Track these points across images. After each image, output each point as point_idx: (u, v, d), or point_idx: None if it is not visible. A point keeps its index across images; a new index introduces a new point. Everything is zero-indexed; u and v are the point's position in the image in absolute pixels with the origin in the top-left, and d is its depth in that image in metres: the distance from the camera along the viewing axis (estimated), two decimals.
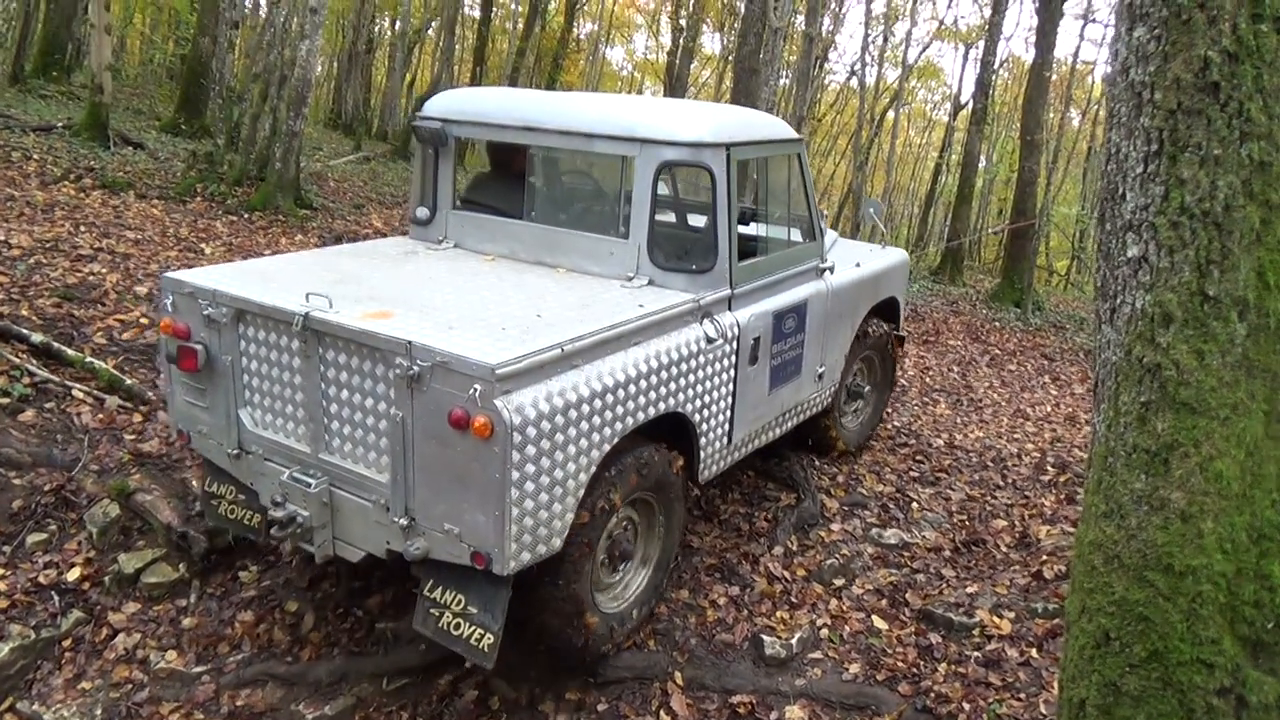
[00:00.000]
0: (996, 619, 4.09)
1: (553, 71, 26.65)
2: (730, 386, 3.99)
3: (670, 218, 4.81)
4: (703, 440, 3.88)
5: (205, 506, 3.85)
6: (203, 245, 7.80)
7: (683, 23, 25.65)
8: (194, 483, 4.38)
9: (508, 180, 4.44)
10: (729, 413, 4.04)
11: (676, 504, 3.80)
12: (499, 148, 4.52)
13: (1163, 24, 2.16)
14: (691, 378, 3.67)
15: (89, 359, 5.05)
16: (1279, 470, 2.14)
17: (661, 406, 3.50)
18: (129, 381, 5.02)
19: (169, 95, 18.45)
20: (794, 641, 3.86)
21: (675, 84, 23.64)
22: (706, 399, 3.81)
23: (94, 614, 3.82)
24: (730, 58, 21.18)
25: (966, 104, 21.00)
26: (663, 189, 4.38)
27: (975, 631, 4.02)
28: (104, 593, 3.92)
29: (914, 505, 5.30)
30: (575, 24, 29.58)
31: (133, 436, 4.67)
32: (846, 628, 4.05)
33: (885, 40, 22.11)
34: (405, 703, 3.56)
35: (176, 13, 19.94)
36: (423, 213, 4.41)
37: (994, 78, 19.70)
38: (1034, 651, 3.87)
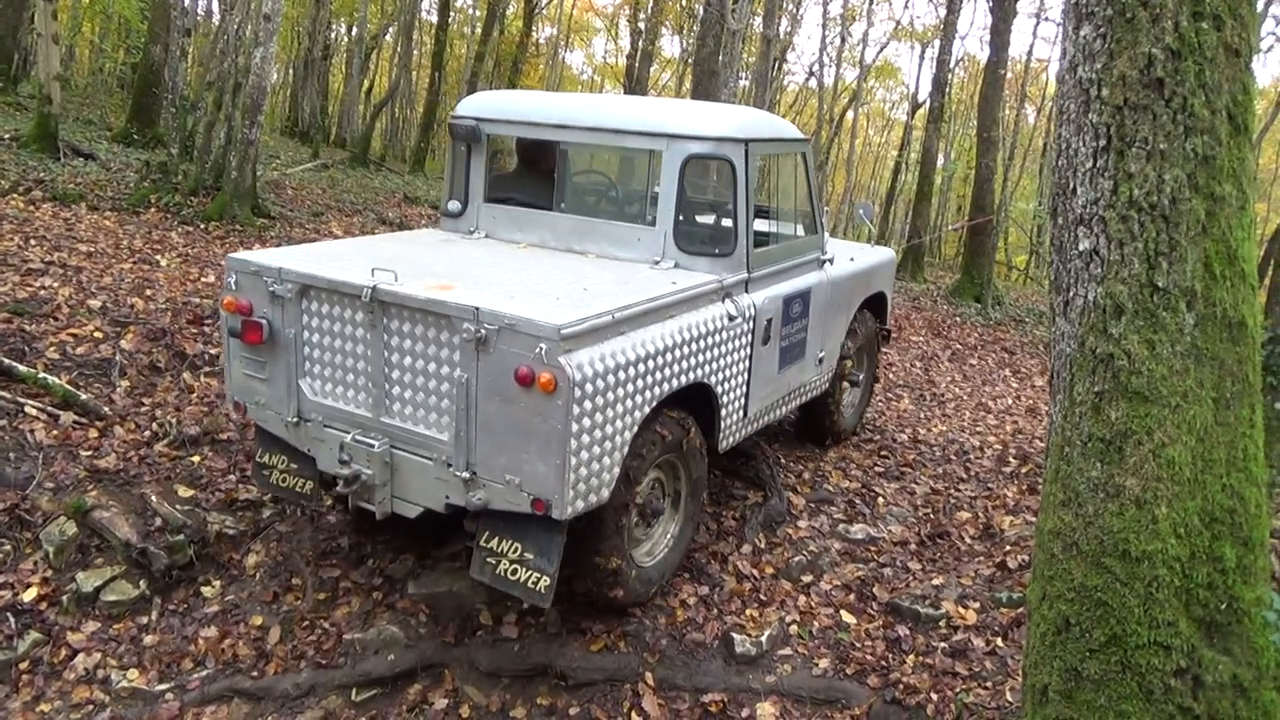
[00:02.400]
0: (962, 609, 4.14)
1: (512, 76, 26.54)
2: (747, 363, 4.31)
3: (693, 207, 5.07)
4: (723, 411, 4.19)
5: (256, 476, 4.09)
6: (158, 257, 7.67)
7: (641, 26, 25.71)
8: (150, 501, 4.30)
9: (534, 175, 4.75)
10: (745, 387, 4.35)
11: (698, 468, 4.06)
12: (526, 144, 4.80)
13: (1108, 22, 2.21)
14: (715, 351, 3.99)
15: (42, 375, 4.94)
16: (1228, 455, 2.20)
17: (691, 376, 3.82)
18: (84, 397, 4.92)
19: (120, 105, 18.13)
20: (764, 639, 3.88)
21: (635, 87, 23.67)
22: (727, 372, 4.13)
23: (52, 634, 3.74)
24: (689, 60, 21.26)
25: (924, 103, 21.29)
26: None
27: (942, 623, 4.07)
28: (62, 612, 3.83)
29: (880, 500, 5.35)
30: (534, 28, 29.51)
31: (89, 453, 4.57)
32: (815, 623, 4.08)
33: (843, 41, 22.32)
34: (375, 714, 3.52)
35: (126, 21, 19.59)
36: (454, 205, 4.69)
37: (950, 76, 19.98)
38: (999, 640, 3.93)
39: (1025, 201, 23.58)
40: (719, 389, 4.08)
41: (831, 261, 5.20)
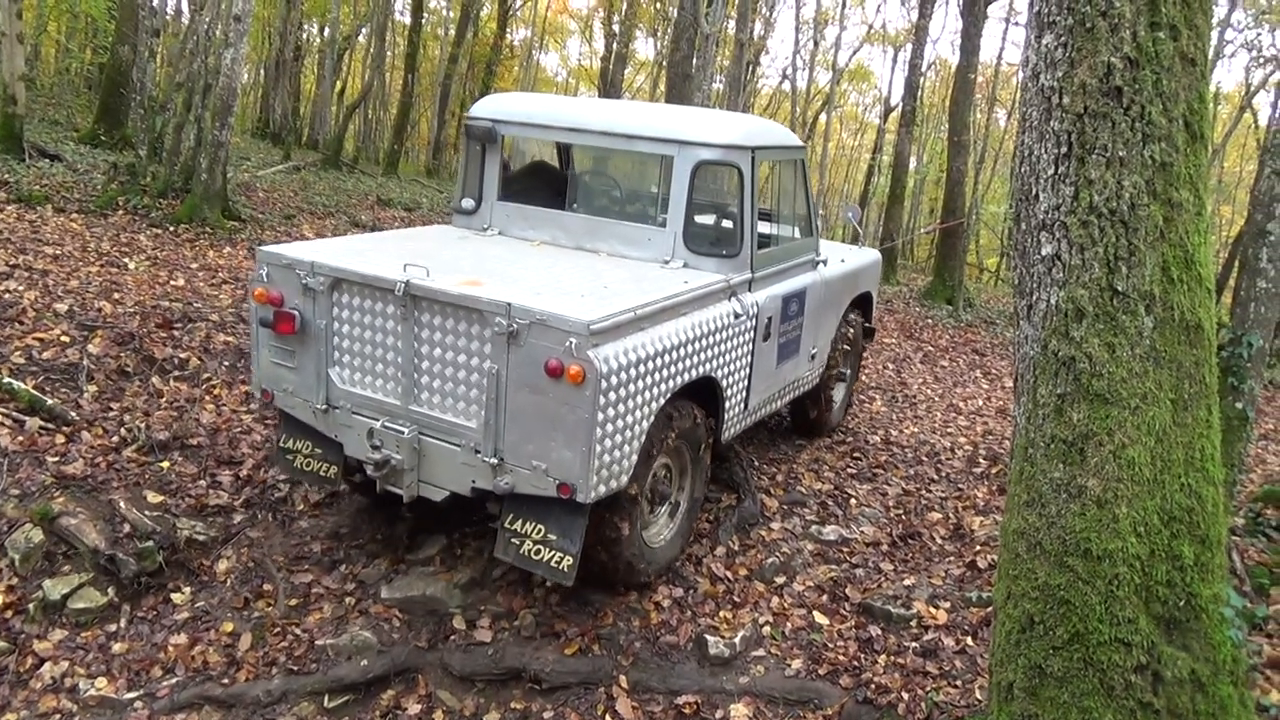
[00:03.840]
0: (933, 609, 4.19)
1: (486, 78, 26.47)
2: (749, 358, 4.52)
3: (701, 210, 5.32)
4: (727, 403, 4.39)
5: (280, 461, 4.21)
6: (126, 260, 7.58)
7: (616, 28, 25.75)
8: (119, 508, 4.25)
9: (547, 175, 4.98)
10: (747, 381, 4.57)
11: (703, 457, 4.27)
12: (536, 147, 5.00)
13: (1068, 31, 2.26)
14: (722, 347, 4.19)
15: (7, 379, 4.87)
16: (1186, 455, 2.25)
17: (701, 370, 4.02)
18: (50, 402, 4.86)
19: (87, 105, 17.88)
20: (737, 640, 3.90)
21: (609, 89, 23.69)
22: (731, 367, 4.33)
23: (18, 643, 3.69)
24: (663, 63, 21.31)
25: (896, 106, 21.45)
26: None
27: (913, 622, 4.11)
28: (28, 620, 3.78)
29: (852, 501, 5.40)
30: (508, 30, 29.45)
31: (55, 459, 4.51)
32: (788, 624, 4.11)
33: (816, 45, 22.48)
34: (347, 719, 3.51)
35: (93, 20, 19.32)
36: (468, 203, 4.86)
37: (922, 80, 20.17)
38: (969, 639, 3.98)
39: (996, 204, 23.87)
40: (724, 382, 4.28)
41: (825, 263, 5.47)
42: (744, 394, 4.57)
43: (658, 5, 25.94)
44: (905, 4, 23.59)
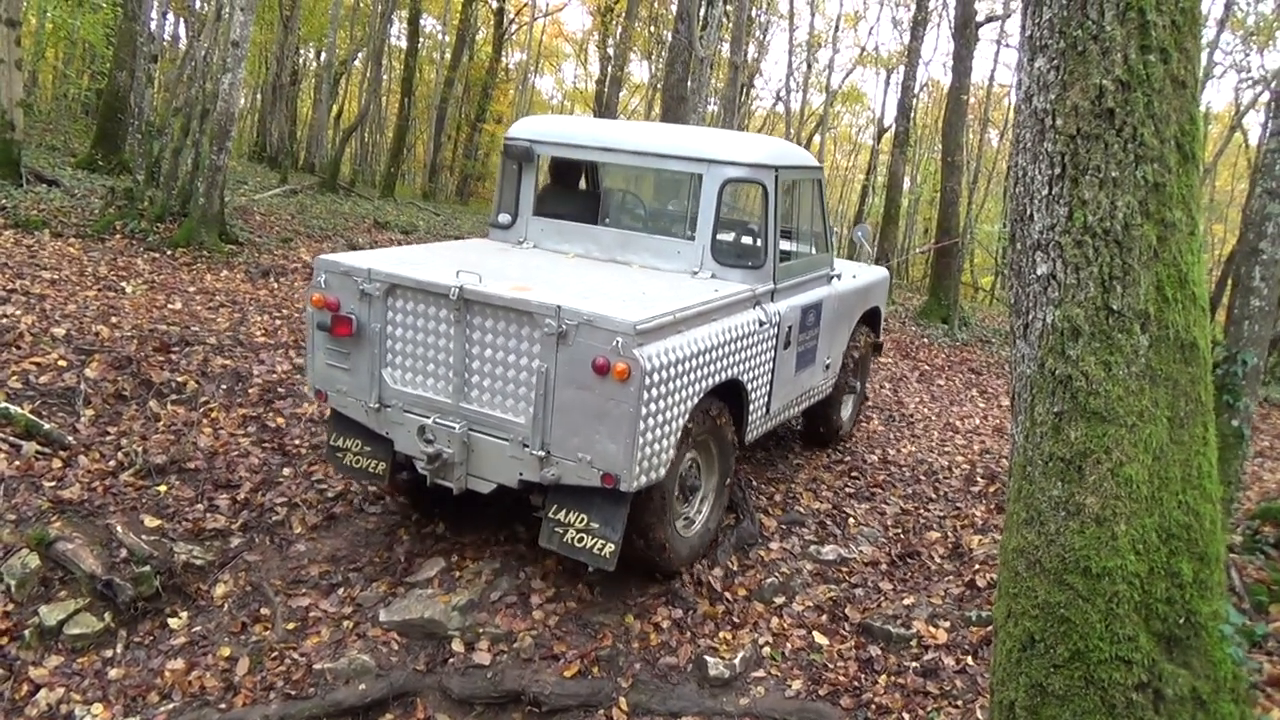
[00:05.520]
0: (933, 629, 4.18)
1: (482, 101, 26.64)
2: (771, 365, 4.76)
3: (727, 224, 5.52)
4: (751, 406, 4.62)
5: (331, 459, 4.46)
6: (123, 283, 7.59)
7: (611, 52, 25.95)
8: (115, 532, 4.24)
9: (580, 192, 5.31)
10: (770, 386, 4.81)
11: (729, 455, 4.51)
12: (570, 165, 5.27)
13: (1060, 55, 2.29)
14: (748, 353, 4.43)
15: (4, 404, 4.87)
16: (1183, 473, 2.26)
17: (730, 373, 4.26)
18: (47, 426, 4.85)
19: (85, 131, 17.95)
20: (737, 661, 3.89)
21: (604, 111, 23.83)
22: (756, 372, 4.58)
23: (13, 669, 3.66)
24: (658, 86, 21.47)
25: (890, 127, 21.62)
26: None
27: (913, 642, 4.10)
28: (24, 647, 3.75)
29: (850, 521, 5.40)
30: (504, 54, 29.68)
31: (52, 483, 4.50)
32: (788, 645, 4.10)
33: (809, 67, 22.67)
34: None
35: (92, 47, 19.45)
36: (505, 218, 5.15)
37: (915, 101, 20.33)
38: (969, 659, 3.97)
39: (990, 223, 23.99)
40: (749, 385, 4.52)
41: (839, 277, 5.77)
42: (766, 398, 4.79)
43: (652, 29, 26.17)
44: (897, 27, 23.82)
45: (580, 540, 3.80)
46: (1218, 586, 2.30)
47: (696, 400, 3.97)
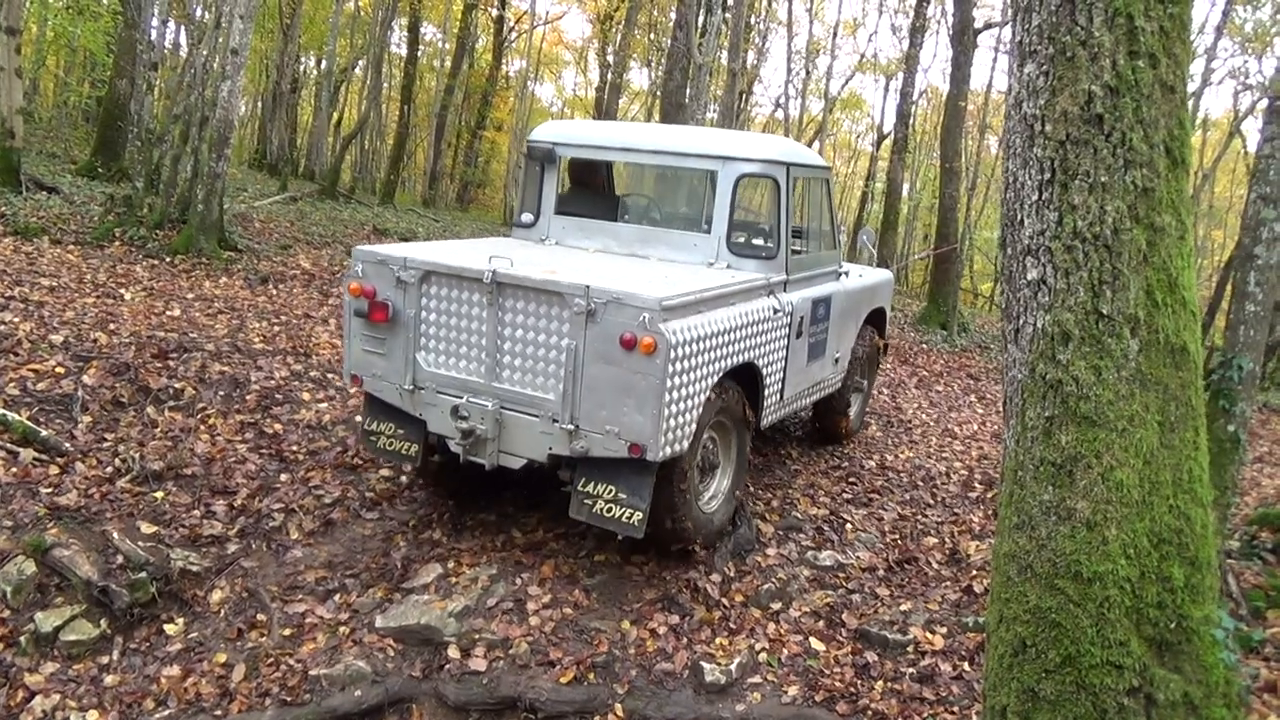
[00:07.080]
0: (930, 635, 4.18)
1: (482, 108, 26.69)
2: (785, 352, 4.96)
3: (741, 217, 5.69)
4: (766, 391, 4.82)
5: (365, 442, 4.67)
6: (122, 290, 7.60)
7: (610, 59, 26.01)
8: (112, 539, 4.24)
9: (595, 192, 5.51)
10: (783, 372, 5.00)
11: (744, 435, 4.70)
12: (589, 166, 5.48)
13: (1050, 60, 2.30)
14: (763, 338, 4.64)
15: (1, 411, 4.87)
16: (1174, 477, 2.26)
17: (746, 356, 4.46)
18: (44, 433, 4.85)
19: (84, 138, 17.98)
20: (733, 667, 3.89)
21: (604, 118, 23.88)
22: (771, 357, 4.78)
23: (9, 676, 3.66)
24: (657, 93, 21.50)
25: (889, 134, 21.65)
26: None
27: (910, 648, 4.10)
28: (19, 653, 3.76)
29: (848, 526, 5.39)
30: (503, 61, 29.75)
31: (49, 490, 4.51)
32: (785, 651, 4.09)
33: (808, 74, 22.71)
34: None
35: (92, 55, 19.48)
36: (527, 217, 5.39)
37: (914, 108, 20.37)
38: (966, 665, 3.96)
39: (989, 230, 24.01)
40: (764, 370, 4.73)
41: (847, 275, 5.97)
42: (780, 384, 4.99)
43: (651, 36, 26.24)
44: (896, 34, 23.88)
45: (609, 510, 3.96)
46: (1209, 591, 2.30)
47: (717, 379, 4.15)
